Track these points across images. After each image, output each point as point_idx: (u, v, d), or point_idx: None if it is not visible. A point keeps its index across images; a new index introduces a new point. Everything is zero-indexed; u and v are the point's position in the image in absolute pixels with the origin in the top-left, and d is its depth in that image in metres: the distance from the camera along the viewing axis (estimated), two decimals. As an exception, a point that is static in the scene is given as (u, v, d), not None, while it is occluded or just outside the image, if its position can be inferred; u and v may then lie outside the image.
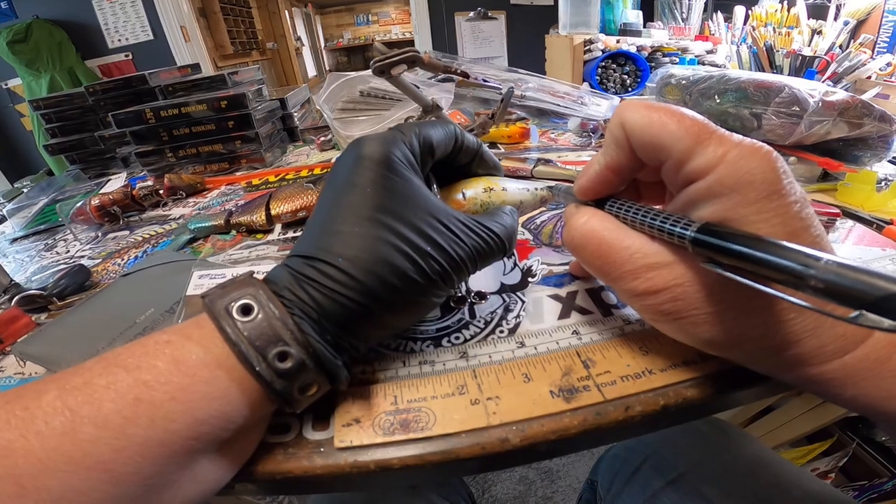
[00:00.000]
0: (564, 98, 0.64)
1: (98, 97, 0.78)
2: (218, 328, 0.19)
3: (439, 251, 0.21)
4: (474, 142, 0.29)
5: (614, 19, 1.14)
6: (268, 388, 0.19)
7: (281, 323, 0.19)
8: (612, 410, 0.22)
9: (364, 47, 10.71)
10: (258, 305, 0.19)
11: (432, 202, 0.23)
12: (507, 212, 0.27)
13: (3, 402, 0.17)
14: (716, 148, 0.18)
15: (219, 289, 0.21)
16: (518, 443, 0.21)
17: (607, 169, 0.23)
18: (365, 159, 0.22)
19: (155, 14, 2.63)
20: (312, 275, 0.20)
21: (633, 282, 0.21)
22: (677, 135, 0.19)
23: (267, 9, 6.02)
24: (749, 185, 0.18)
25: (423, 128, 0.26)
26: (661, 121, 0.20)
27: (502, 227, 0.25)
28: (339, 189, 0.22)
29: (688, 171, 0.19)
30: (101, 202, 0.52)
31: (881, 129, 0.56)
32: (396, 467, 0.21)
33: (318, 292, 0.20)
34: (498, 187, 0.29)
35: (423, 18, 2.87)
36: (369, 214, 0.21)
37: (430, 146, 0.25)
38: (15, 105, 2.76)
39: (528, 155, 0.52)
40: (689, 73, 0.73)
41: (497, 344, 0.27)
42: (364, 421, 0.22)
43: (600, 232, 0.22)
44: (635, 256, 0.21)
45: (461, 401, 0.23)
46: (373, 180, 0.22)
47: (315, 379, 0.20)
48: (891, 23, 1.14)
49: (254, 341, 0.19)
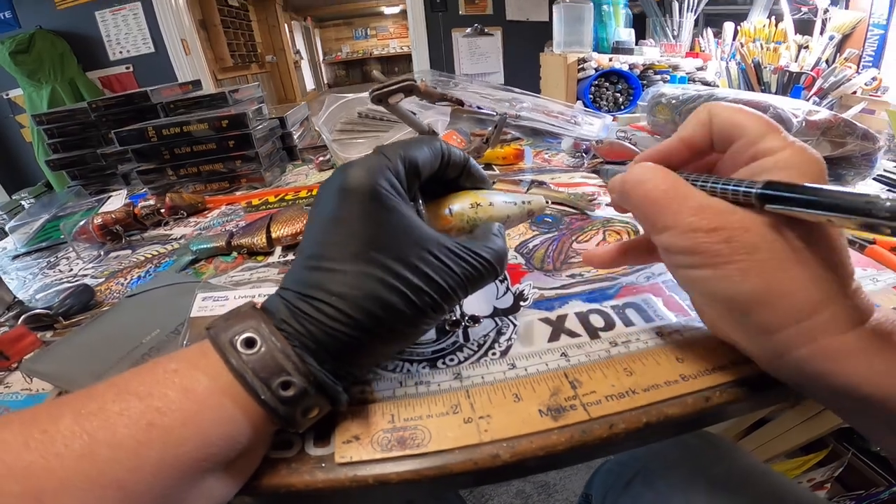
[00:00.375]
0: (558, 118, 0.65)
1: (101, 113, 0.80)
2: (224, 360, 0.20)
3: (429, 283, 0.23)
4: (461, 156, 0.29)
5: (607, 37, 1.17)
6: (273, 413, 0.20)
7: (283, 355, 0.21)
8: (596, 428, 0.24)
9: (362, 61, 10.81)
10: (261, 339, 0.21)
11: (421, 232, 0.24)
12: (496, 232, 0.28)
13: (18, 424, 0.18)
14: (783, 137, 0.22)
15: (222, 321, 0.22)
16: (508, 458, 0.22)
17: (682, 142, 0.26)
18: (350, 192, 0.23)
19: (156, 26, 2.65)
20: (308, 310, 0.21)
21: (692, 217, 0.22)
22: (755, 121, 0.23)
23: (267, 22, 6.08)
24: (807, 167, 0.21)
25: (409, 149, 0.26)
26: (742, 111, 0.24)
27: (492, 250, 0.26)
28: (327, 224, 0.23)
29: (760, 147, 0.22)
30: (104, 221, 0.53)
31: (864, 147, 0.58)
32: (394, 482, 0.22)
33: (314, 326, 0.21)
34: (485, 202, 0.29)
35: (421, 35, 2.92)
36: (358, 251, 0.22)
37: (415, 168, 0.26)
38: (15, 116, 2.77)
39: (522, 177, 0.54)
40: (679, 92, 0.75)
41: (489, 365, 0.28)
42: (363, 438, 0.24)
43: (664, 171, 0.24)
44: (697, 199, 0.23)
45: (455, 419, 0.24)
46: (360, 215, 0.22)
47: (316, 402, 0.22)
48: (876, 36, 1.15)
49: (258, 372, 0.20)
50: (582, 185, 0.56)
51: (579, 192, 0.51)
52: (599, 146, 0.61)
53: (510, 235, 0.45)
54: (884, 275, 0.36)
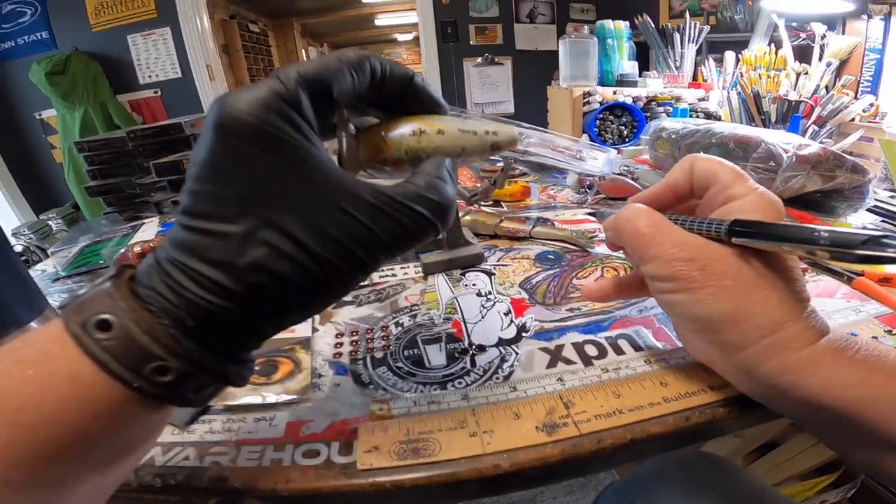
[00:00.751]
0: (564, 153, 0.69)
1: (138, 142, 0.85)
2: (82, 348, 0.17)
3: (336, 249, 0.19)
4: (402, 70, 0.24)
5: (612, 70, 1.21)
6: (158, 399, 0.18)
7: (149, 338, 0.17)
8: (586, 443, 0.27)
9: (376, 86, 11.07)
10: (118, 320, 0.17)
11: (329, 183, 0.19)
12: (443, 173, 0.23)
13: None
14: (750, 184, 0.28)
15: (76, 297, 0.18)
16: (508, 468, 0.26)
17: (668, 187, 0.31)
18: (226, 130, 0.18)
19: (184, 51, 2.69)
20: (181, 280, 0.18)
21: (673, 249, 0.27)
22: (727, 171, 0.28)
23: (285, 47, 6.29)
24: (767, 208, 0.27)
25: (317, 70, 0.20)
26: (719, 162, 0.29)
27: (429, 201, 0.21)
28: (199, 171, 0.18)
29: (730, 193, 0.28)
30: (143, 249, 0.58)
31: (854, 180, 0.60)
32: (408, 486, 0.26)
33: (188, 301, 0.17)
34: (432, 129, 0.24)
35: (433, 64, 3.01)
36: (239, 208, 0.18)
37: (325, 90, 0.20)
38: (47, 136, 2.80)
39: (528, 214, 0.58)
40: (679, 126, 0.79)
41: (493, 388, 0.32)
42: (382, 448, 0.27)
43: (651, 212, 0.29)
44: (677, 234, 0.27)
45: (462, 433, 0.28)
46: (238, 162, 0.18)
47: (205, 380, 0.19)
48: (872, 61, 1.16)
49: (122, 359, 0.17)
50: (584, 223, 0.60)
51: (581, 230, 0.54)
52: (602, 182, 0.65)
53: (515, 271, 0.49)
54: (866, 306, 0.39)
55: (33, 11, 2.56)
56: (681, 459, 0.46)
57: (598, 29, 1.25)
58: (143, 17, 2.62)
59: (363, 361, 0.36)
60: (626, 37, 1.27)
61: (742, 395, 0.29)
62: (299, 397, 0.32)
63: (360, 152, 0.24)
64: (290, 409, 0.32)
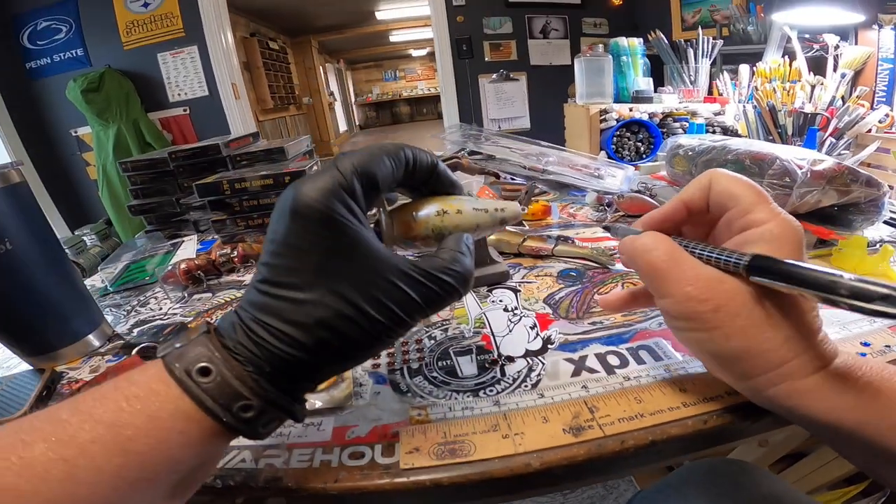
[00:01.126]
0: (582, 171, 0.72)
1: (179, 163, 0.91)
2: (183, 389, 0.21)
3: (383, 311, 0.23)
4: (427, 161, 0.28)
5: (627, 87, 1.24)
6: (237, 431, 0.22)
7: (239, 382, 0.22)
8: (610, 443, 0.29)
9: (392, 103, 11.23)
10: (215, 367, 0.22)
11: (377, 258, 0.24)
12: (464, 248, 0.28)
13: None
14: (772, 209, 0.27)
15: (175, 348, 0.23)
16: (538, 467, 0.28)
17: (683, 203, 0.30)
18: (301, 216, 0.22)
19: (210, 70, 2.75)
20: (262, 334, 0.22)
21: (687, 287, 0.26)
22: (749, 191, 0.28)
23: (304, 64, 6.45)
24: (788, 238, 0.26)
25: (367, 162, 0.25)
26: (739, 180, 0.28)
27: (455, 273, 0.26)
28: (279, 247, 0.23)
29: (750, 218, 0.27)
30: (189, 267, 0.62)
31: (869, 193, 0.60)
32: (446, 484, 0.28)
33: (268, 352, 0.22)
34: (453, 209, 0.28)
35: (450, 81, 3.06)
36: (310, 279, 0.22)
37: (374, 183, 0.25)
38: (82, 153, 2.86)
39: (549, 233, 0.61)
40: (696, 143, 0.80)
41: (522, 395, 0.35)
42: (422, 449, 0.30)
43: (670, 246, 0.28)
44: (697, 269, 0.27)
45: (495, 435, 0.31)
46: (312, 241, 0.22)
47: (275, 416, 0.23)
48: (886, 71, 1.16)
49: (217, 399, 0.21)
50: (604, 240, 0.62)
51: (601, 247, 0.57)
52: (621, 200, 0.68)
53: (539, 287, 0.52)
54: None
55: (68, 28, 2.63)
56: (708, 465, 0.46)
57: (613, 47, 1.28)
58: (172, 35, 2.68)
59: (400, 371, 0.39)
60: (640, 53, 1.30)
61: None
62: (344, 404, 0.35)
63: (394, 230, 0.29)
64: (336, 415, 0.35)
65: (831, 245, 0.56)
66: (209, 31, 2.69)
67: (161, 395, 0.21)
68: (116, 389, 0.21)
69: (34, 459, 0.19)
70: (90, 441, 0.20)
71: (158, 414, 0.21)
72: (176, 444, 0.21)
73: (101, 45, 2.66)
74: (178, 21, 2.66)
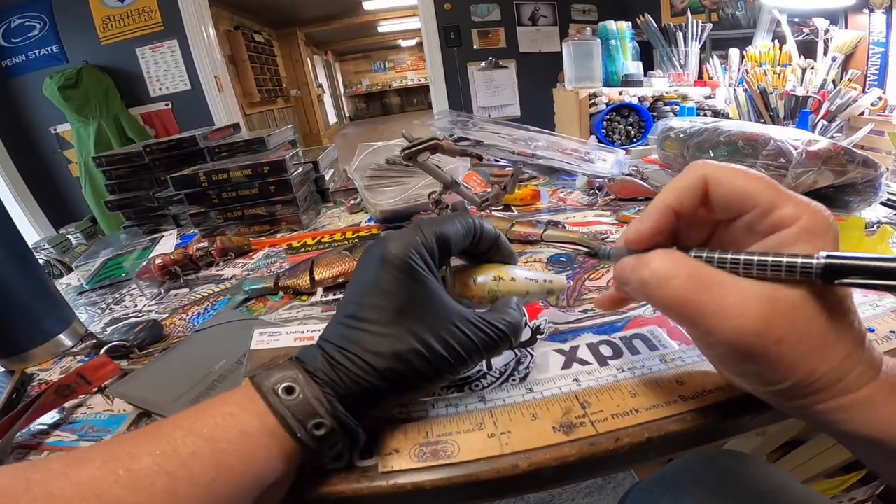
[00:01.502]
0: (572, 155, 0.70)
1: (155, 156, 0.88)
2: (268, 405, 0.24)
3: (448, 349, 0.27)
4: (492, 233, 0.33)
5: (616, 71, 1.22)
6: (305, 449, 0.24)
7: (317, 401, 0.25)
8: (604, 441, 0.27)
9: (381, 93, 11.17)
10: (299, 387, 0.25)
11: (445, 305, 0.28)
12: (514, 306, 0.31)
13: (101, 461, 0.21)
14: (797, 202, 0.22)
15: (265, 371, 0.26)
16: (526, 468, 0.26)
17: (670, 208, 0.25)
18: (388, 263, 0.27)
19: (192, 63, 2.73)
20: (342, 361, 0.26)
21: (736, 320, 0.21)
22: (764, 189, 0.23)
23: (290, 57, 6.37)
24: (826, 231, 0.22)
25: (444, 227, 0.30)
26: (748, 177, 0.23)
27: (508, 323, 0.29)
28: (367, 288, 0.27)
29: (776, 217, 0.22)
30: (164, 262, 0.60)
31: (866, 174, 0.59)
32: (428, 488, 0.26)
33: (346, 376, 0.25)
34: (507, 277, 0.32)
35: (438, 70, 3.03)
36: (391, 318, 0.26)
37: (447, 245, 0.29)
38: (63, 150, 2.83)
39: (539, 217, 0.58)
40: (687, 125, 0.78)
41: (510, 390, 0.33)
42: (402, 451, 0.28)
43: (687, 264, 0.23)
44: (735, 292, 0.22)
45: (480, 435, 0.29)
46: (395, 285, 0.27)
47: (340, 440, 0.26)
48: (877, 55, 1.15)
49: (297, 415, 0.24)
50: (595, 224, 0.60)
51: (592, 231, 0.55)
52: (612, 184, 0.66)
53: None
54: (884, 300, 0.39)
55: (42, 25, 2.59)
56: (707, 456, 0.46)
57: (601, 30, 1.25)
58: (150, 30, 2.65)
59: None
60: (629, 37, 1.28)
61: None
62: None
63: (455, 288, 0.32)
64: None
65: None
66: (189, 25, 2.65)
67: (251, 412, 0.24)
68: (213, 406, 0.24)
69: (140, 472, 0.20)
70: (190, 454, 0.22)
71: (248, 429, 0.23)
72: (261, 459, 0.23)
73: (77, 41, 2.63)
74: (156, 15, 2.63)
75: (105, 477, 0.20)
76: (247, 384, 0.26)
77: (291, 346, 0.39)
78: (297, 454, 0.25)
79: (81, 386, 0.39)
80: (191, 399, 0.34)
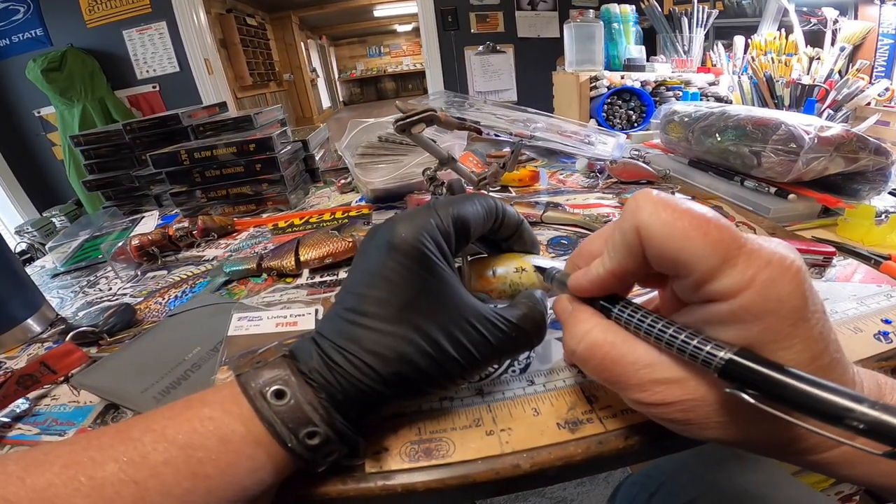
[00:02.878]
0: (572, 137, 0.67)
1: (135, 135, 0.84)
2: (255, 410, 0.21)
3: (462, 352, 0.23)
4: (515, 218, 0.29)
5: (618, 55, 1.18)
6: (298, 459, 0.22)
7: (310, 407, 0.21)
8: (613, 439, 0.25)
9: (377, 79, 11.05)
10: (290, 391, 0.22)
11: (461, 300, 0.24)
12: (538, 301, 0.27)
13: (60, 467, 0.19)
14: (744, 269, 0.17)
15: (253, 368, 0.23)
16: (528, 468, 0.24)
17: (612, 275, 0.22)
18: (397, 250, 0.23)
19: (181, 46, 2.67)
20: (341, 362, 0.22)
21: (641, 394, 0.21)
22: (703, 251, 0.18)
23: (284, 41, 6.25)
24: (776, 313, 0.17)
25: (462, 207, 0.25)
26: (686, 233, 0.18)
27: (531, 321, 0.25)
28: (370, 277, 0.23)
29: (711, 290, 0.18)
30: (141, 242, 0.56)
31: (878, 162, 0.58)
32: (420, 490, 0.24)
33: (344, 379, 0.22)
34: (530, 268, 0.28)
35: (434, 54, 2.98)
36: (396, 314, 0.22)
37: (466, 229, 0.25)
38: (47, 133, 2.79)
39: (538, 199, 0.56)
40: (692, 109, 0.76)
41: (510, 382, 0.30)
42: (392, 449, 0.25)
43: (603, 347, 0.22)
44: (642, 372, 0.21)
45: (477, 432, 0.26)
46: (403, 276, 0.23)
47: (337, 449, 0.23)
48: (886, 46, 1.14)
49: (287, 423, 0.21)
50: (596, 207, 0.57)
51: (594, 214, 0.52)
52: (613, 166, 0.63)
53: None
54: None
55: (26, 9, 2.54)
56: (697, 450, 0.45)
57: (604, 13, 1.22)
58: (137, 11, 2.60)
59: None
60: (633, 21, 1.24)
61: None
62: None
63: (472, 281, 0.29)
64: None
65: (836, 214, 0.54)
66: (179, 7, 2.61)
67: (234, 416, 0.21)
68: (190, 408, 0.21)
69: (105, 480, 0.18)
70: (162, 462, 0.19)
71: (230, 437, 0.21)
72: (244, 469, 0.21)
73: (62, 24, 2.59)
74: (144, -3, 2.59)
75: (65, 484, 0.18)
76: (231, 383, 0.23)
77: (272, 332, 0.36)
78: (287, 464, 0.22)
79: (46, 375, 0.36)
80: (161, 389, 0.31)
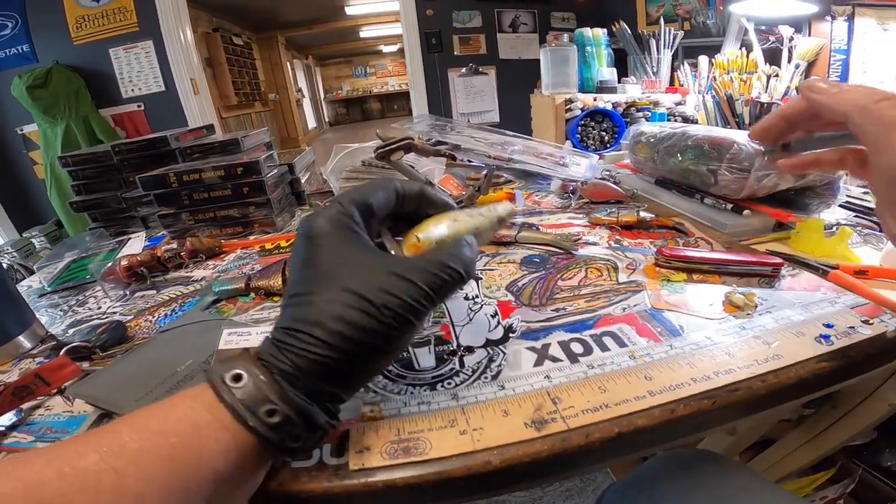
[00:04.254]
0: (547, 159, 0.71)
1: (123, 156, 0.85)
2: (216, 394, 0.23)
3: (390, 298, 0.25)
4: (415, 188, 0.32)
5: (591, 77, 1.24)
6: (263, 440, 0.23)
7: (266, 385, 0.23)
8: (575, 437, 0.28)
9: (362, 99, 11.11)
10: (247, 373, 0.24)
11: (378, 259, 0.27)
12: (465, 242, 0.30)
13: (44, 461, 0.20)
14: None
15: (218, 363, 0.26)
16: (498, 464, 0.26)
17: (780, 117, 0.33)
18: (314, 238, 0.27)
19: (167, 65, 2.66)
20: (290, 342, 0.25)
21: None
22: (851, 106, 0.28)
23: (270, 60, 6.28)
24: None
25: (362, 193, 0.30)
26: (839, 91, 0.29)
27: (456, 258, 0.28)
28: (299, 267, 0.27)
29: None
30: (130, 263, 0.58)
31: (825, 177, 0.62)
32: (400, 485, 0.26)
33: (293, 353, 0.24)
34: (450, 220, 0.31)
35: (419, 76, 3.03)
36: (325, 284, 0.26)
37: (369, 208, 0.29)
38: (28, 152, 2.73)
39: (513, 220, 0.59)
40: (657, 130, 0.80)
41: (482, 387, 0.33)
42: (374, 448, 0.28)
43: None
44: None
45: (452, 432, 0.28)
46: (322, 255, 0.27)
47: (300, 429, 0.24)
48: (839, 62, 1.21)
49: (245, 402, 0.23)
50: (568, 226, 0.61)
51: (565, 233, 0.55)
52: (584, 187, 0.67)
53: (502, 275, 0.50)
54: (842, 297, 0.40)
55: (14, 24, 2.51)
56: (680, 457, 0.46)
57: (577, 37, 1.28)
58: (125, 30, 2.58)
59: (353, 366, 0.36)
60: (605, 44, 1.31)
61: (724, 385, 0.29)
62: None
63: (404, 251, 0.31)
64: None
65: (789, 228, 0.57)
66: (166, 26, 2.60)
67: (202, 404, 0.23)
68: (166, 403, 0.23)
69: (87, 469, 0.20)
70: (139, 450, 0.21)
71: (199, 422, 0.22)
72: (213, 452, 0.22)
73: (49, 41, 2.56)
74: (131, 15, 2.57)
75: (51, 475, 0.19)
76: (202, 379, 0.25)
77: (261, 347, 0.38)
78: (252, 445, 0.23)
79: (40, 387, 0.38)
80: (154, 399, 0.33)
